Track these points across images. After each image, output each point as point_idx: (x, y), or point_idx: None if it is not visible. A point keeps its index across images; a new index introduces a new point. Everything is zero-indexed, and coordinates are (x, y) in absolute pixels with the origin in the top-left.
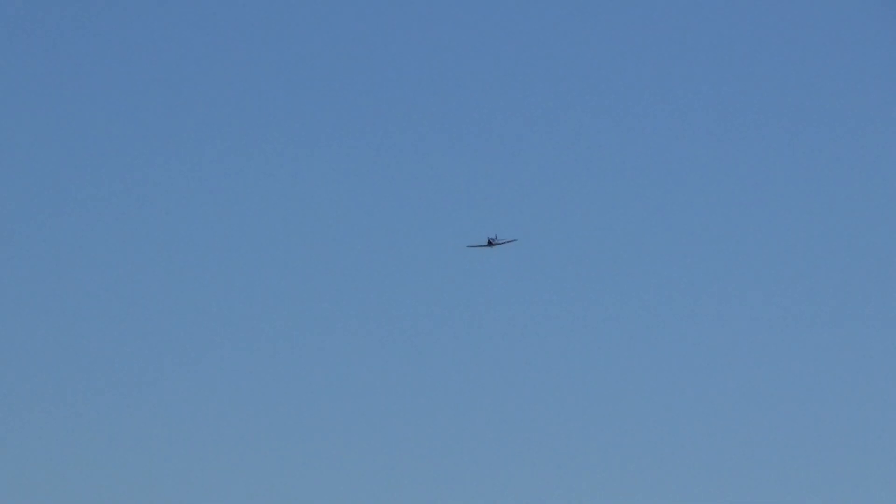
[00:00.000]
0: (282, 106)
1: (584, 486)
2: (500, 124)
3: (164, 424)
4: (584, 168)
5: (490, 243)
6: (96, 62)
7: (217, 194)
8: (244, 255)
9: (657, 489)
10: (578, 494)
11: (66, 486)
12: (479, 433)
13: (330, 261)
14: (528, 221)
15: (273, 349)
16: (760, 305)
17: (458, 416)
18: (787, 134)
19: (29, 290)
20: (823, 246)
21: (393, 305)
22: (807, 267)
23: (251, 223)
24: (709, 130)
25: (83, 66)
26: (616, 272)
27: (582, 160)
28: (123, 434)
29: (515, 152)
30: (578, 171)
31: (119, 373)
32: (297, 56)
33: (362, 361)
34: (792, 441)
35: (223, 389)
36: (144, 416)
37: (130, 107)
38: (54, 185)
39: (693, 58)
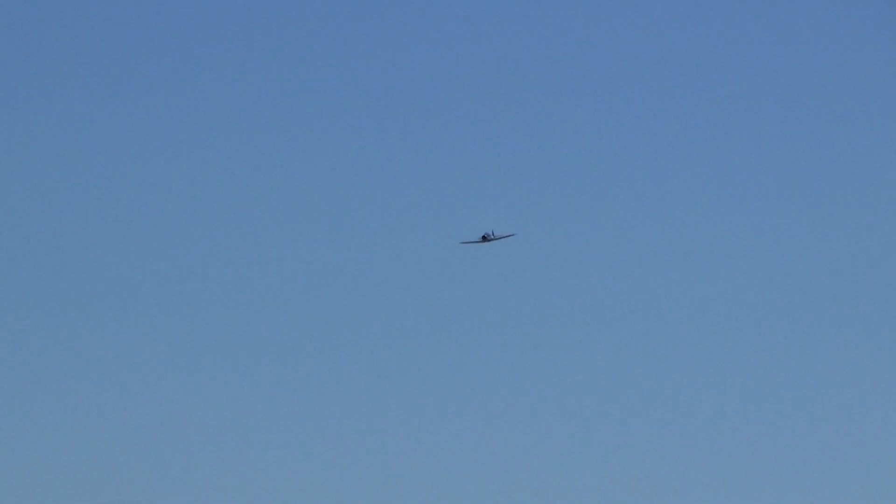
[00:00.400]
0: (272, 102)
1: (581, 485)
2: (495, 117)
3: (164, 424)
4: (580, 162)
5: (485, 238)
6: (96, 62)
7: (213, 190)
8: (235, 252)
9: (656, 488)
10: (577, 493)
11: (66, 486)
12: (472, 431)
13: (320, 257)
14: (521, 216)
15: (263, 347)
16: (756, 301)
17: (452, 414)
18: (786, 132)
19: (28, 289)
20: (823, 246)
21: (383, 303)
22: (807, 266)
23: (242, 220)
24: (705, 124)
25: (83, 65)
26: (614, 268)
27: (579, 154)
28: (123, 434)
29: (510, 146)
30: (575, 165)
31: (118, 373)
32: (285, 50)
33: (353, 360)
34: (792, 441)
35: (217, 385)
36: (144, 415)
37: (130, 107)
38: (53, 184)
39: (690, 53)
